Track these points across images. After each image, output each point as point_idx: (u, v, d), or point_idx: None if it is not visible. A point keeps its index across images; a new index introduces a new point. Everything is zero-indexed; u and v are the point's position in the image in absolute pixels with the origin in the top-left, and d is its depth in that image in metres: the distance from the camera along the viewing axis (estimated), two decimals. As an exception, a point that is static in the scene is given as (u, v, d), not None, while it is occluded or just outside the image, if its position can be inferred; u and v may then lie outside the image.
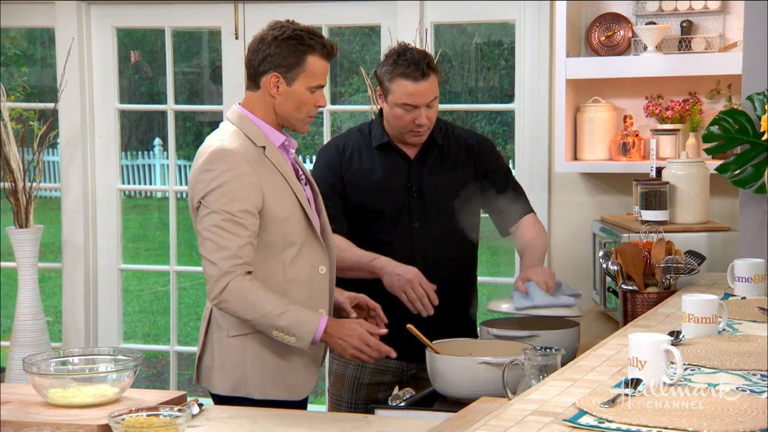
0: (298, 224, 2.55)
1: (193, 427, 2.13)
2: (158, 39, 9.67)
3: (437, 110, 2.92)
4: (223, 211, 2.45)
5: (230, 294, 2.43)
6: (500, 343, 2.72)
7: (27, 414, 2.17)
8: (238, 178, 2.46)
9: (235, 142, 2.51)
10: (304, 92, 2.55)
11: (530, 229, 3.03)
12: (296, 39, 2.54)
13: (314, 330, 2.46)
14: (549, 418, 1.61)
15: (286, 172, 2.55)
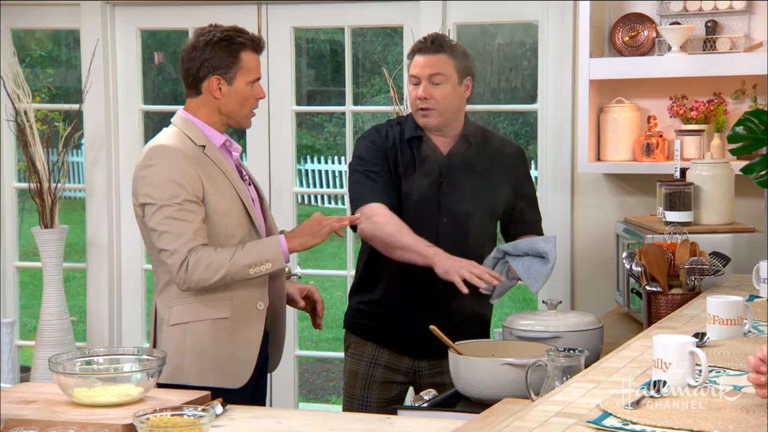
0: (238, 218, 2.68)
1: (217, 427, 2.13)
2: (181, 40, 9.71)
3: (449, 97, 2.89)
4: (171, 203, 2.60)
5: (192, 269, 2.58)
6: (523, 344, 2.72)
7: (53, 413, 2.19)
8: (176, 170, 2.61)
9: (173, 140, 2.67)
10: (245, 88, 2.70)
11: None
12: (227, 40, 2.68)
13: (279, 245, 2.63)
14: (573, 420, 1.61)
15: (227, 169, 2.69)
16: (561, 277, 3.87)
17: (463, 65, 2.93)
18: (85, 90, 4.21)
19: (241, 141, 12.96)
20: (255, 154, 4.24)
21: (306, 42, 10.01)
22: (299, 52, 4.04)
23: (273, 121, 4.20)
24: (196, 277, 2.60)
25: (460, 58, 2.92)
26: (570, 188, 3.86)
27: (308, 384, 6.35)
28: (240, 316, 2.69)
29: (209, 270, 2.59)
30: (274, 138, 4.20)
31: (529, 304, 7.99)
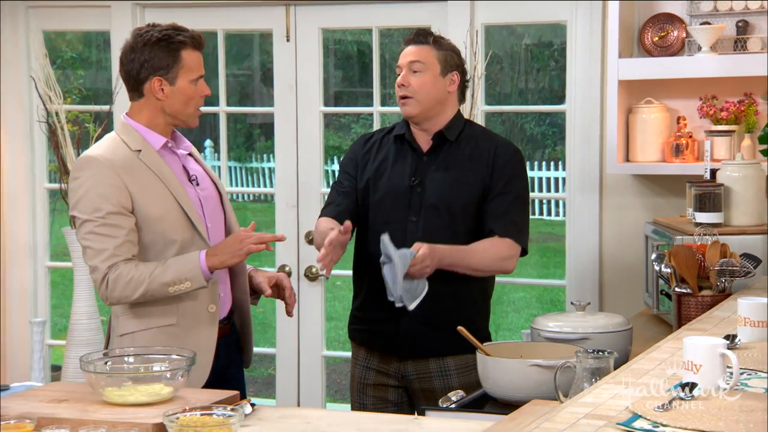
0: (176, 223, 2.63)
1: (246, 427, 2.14)
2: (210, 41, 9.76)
3: (427, 86, 2.87)
4: (94, 217, 2.57)
5: (112, 286, 2.56)
6: (551, 346, 2.71)
7: (84, 412, 2.20)
8: (101, 182, 2.58)
9: (103, 149, 2.64)
10: (188, 87, 2.66)
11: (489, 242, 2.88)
12: (165, 39, 2.65)
13: (198, 264, 2.56)
14: (602, 422, 1.60)
15: (163, 173, 2.64)
16: (589, 279, 3.85)
17: (448, 59, 2.92)
18: (116, 91, 4.24)
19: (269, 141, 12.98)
20: (283, 154, 4.25)
21: (333, 43, 10.03)
22: (327, 53, 4.06)
23: (301, 122, 4.21)
24: (117, 294, 2.58)
25: (446, 52, 2.92)
26: (598, 189, 3.84)
27: (335, 384, 6.36)
28: (189, 321, 2.66)
29: (129, 287, 2.57)
30: (302, 139, 4.21)
31: (556, 305, 7.97)
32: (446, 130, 2.94)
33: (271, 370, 6.41)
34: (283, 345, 4.27)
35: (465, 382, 2.91)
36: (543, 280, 8.57)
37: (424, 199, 2.90)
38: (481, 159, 2.92)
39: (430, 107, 2.91)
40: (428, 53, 2.90)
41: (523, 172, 2.99)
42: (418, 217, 2.90)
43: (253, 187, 12.49)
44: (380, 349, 2.97)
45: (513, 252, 2.91)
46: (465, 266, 2.86)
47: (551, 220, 10.94)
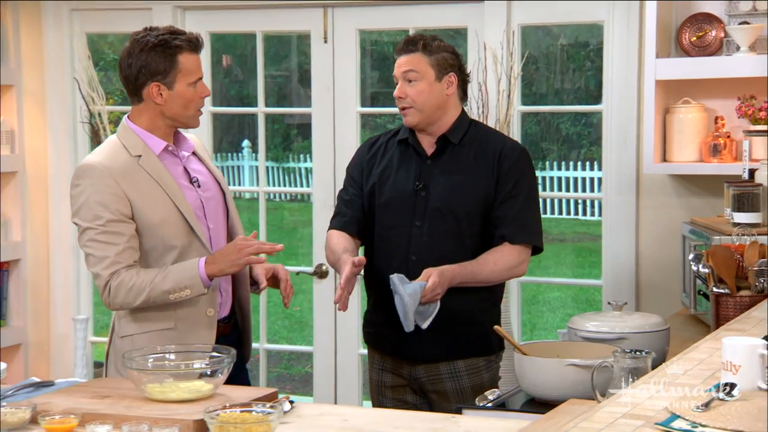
0: (176, 229, 2.63)
1: (285, 424, 2.15)
2: (248, 43, 9.80)
3: (424, 94, 2.83)
4: (95, 225, 2.57)
5: (114, 293, 2.57)
6: (587, 345, 2.70)
7: (126, 408, 2.22)
8: (100, 190, 2.57)
9: (102, 155, 2.64)
10: (187, 90, 2.65)
11: (498, 253, 2.84)
12: (162, 44, 2.63)
13: (197, 272, 2.56)
14: (641, 422, 1.59)
15: (163, 178, 2.64)
16: (626, 279, 3.83)
17: (441, 62, 2.86)
18: (156, 93, 4.28)
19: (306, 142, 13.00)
20: (320, 154, 4.26)
21: (370, 44, 10.04)
22: (364, 54, 4.07)
23: (338, 123, 4.22)
24: (119, 301, 2.59)
25: (438, 56, 2.86)
26: (635, 189, 3.81)
27: (372, 382, 6.37)
28: (187, 325, 2.66)
29: (131, 294, 2.57)
30: (339, 139, 4.22)
31: (592, 305, 7.92)
32: (449, 133, 2.89)
33: (308, 368, 6.43)
34: (320, 343, 4.28)
35: (476, 384, 2.90)
36: (578, 279, 8.53)
37: (428, 203, 2.87)
38: (485, 162, 2.87)
39: (431, 114, 2.87)
40: (420, 61, 2.85)
41: (530, 171, 2.93)
42: (423, 221, 2.87)
43: (290, 187, 12.54)
44: (391, 353, 2.95)
45: (523, 257, 2.87)
46: (476, 281, 2.83)
47: (586, 220, 10.88)
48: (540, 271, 8.84)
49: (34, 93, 4.40)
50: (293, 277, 2.79)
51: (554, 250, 9.97)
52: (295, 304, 8.48)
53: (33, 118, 4.41)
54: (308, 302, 7.58)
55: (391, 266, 2.81)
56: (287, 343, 7.32)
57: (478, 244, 2.85)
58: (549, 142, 11.58)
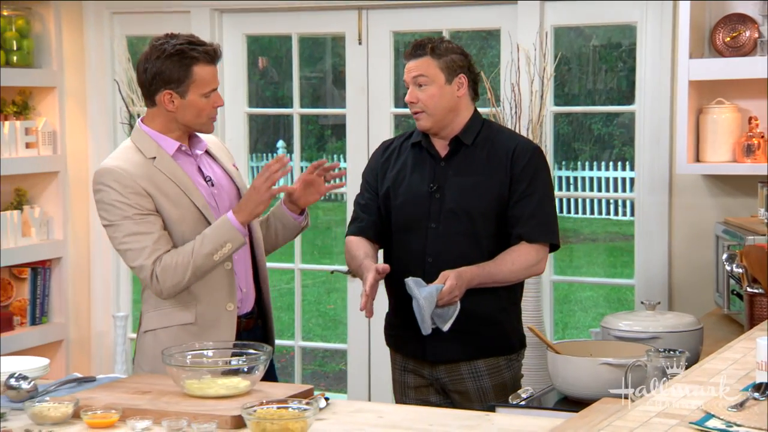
0: (193, 225, 2.65)
1: (320, 420, 2.16)
2: (283, 45, 9.83)
3: (435, 98, 2.81)
4: (125, 220, 2.60)
5: (162, 277, 2.59)
6: (620, 344, 2.68)
7: (166, 404, 2.24)
8: (122, 191, 2.61)
9: (118, 159, 2.67)
10: (199, 100, 2.66)
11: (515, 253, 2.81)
12: (178, 54, 2.63)
13: (230, 224, 2.60)
14: (675, 421, 1.58)
15: (178, 177, 2.66)
16: (658, 278, 3.80)
17: (450, 65, 2.82)
18: (194, 94, 4.30)
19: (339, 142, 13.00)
20: (354, 154, 4.27)
21: (404, 46, 10.05)
22: (398, 55, 4.07)
23: (372, 123, 4.23)
24: (169, 283, 2.60)
25: (446, 58, 2.82)
26: (668, 189, 3.79)
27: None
28: (207, 320, 2.68)
29: (178, 272, 2.59)
30: (373, 139, 4.22)
31: (624, 305, 7.87)
32: (462, 135, 2.86)
33: (342, 366, 6.45)
34: (354, 341, 4.29)
35: (497, 383, 2.88)
36: (610, 279, 8.47)
37: (443, 205, 2.85)
38: (498, 162, 2.84)
39: (443, 117, 2.84)
40: (429, 65, 2.83)
41: (544, 169, 2.89)
42: (438, 223, 2.84)
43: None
44: (412, 355, 2.94)
45: (541, 255, 2.83)
46: (494, 282, 2.81)
47: (618, 220, 10.80)
48: (572, 271, 8.79)
49: (76, 94, 4.45)
50: (327, 275, 2.79)
51: (586, 249, 9.91)
52: (329, 302, 8.49)
53: (74, 119, 4.45)
54: (342, 300, 7.61)
55: (409, 268, 2.81)
56: (321, 341, 7.33)
57: (494, 244, 2.84)
58: (581, 142, 11.52)
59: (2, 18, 4.22)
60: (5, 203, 4.32)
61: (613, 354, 2.51)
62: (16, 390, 2.30)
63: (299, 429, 2.04)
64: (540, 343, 3.10)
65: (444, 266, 2.77)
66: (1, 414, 2.24)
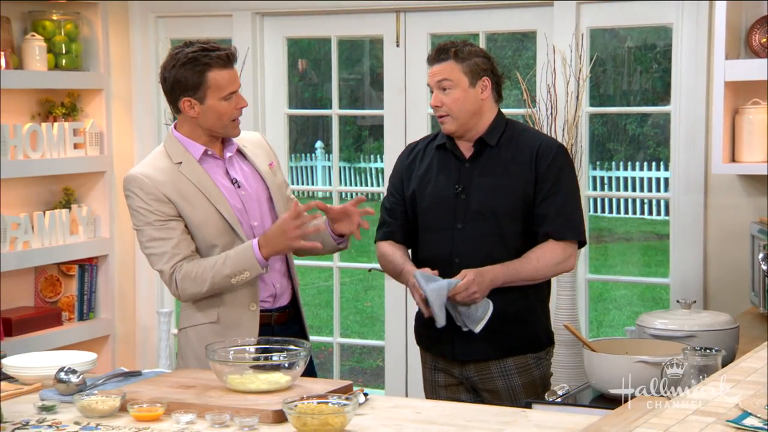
0: (216, 229, 2.70)
1: (359, 416, 2.16)
2: (322, 48, 9.86)
3: (459, 102, 2.80)
4: (147, 226, 2.68)
5: (181, 285, 2.66)
6: (655, 343, 2.66)
7: (209, 398, 2.26)
8: (144, 198, 2.68)
9: (145, 166, 2.74)
10: (219, 104, 2.67)
11: (541, 251, 2.80)
12: (192, 61, 2.65)
13: (253, 254, 2.64)
14: (711, 419, 1.57)
15: (202, 182, 2.70)
16: (694, 277, 3.76)
17: (473, 67, 2.81)
18: (235, 96, 4.33)
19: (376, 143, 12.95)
20: (392, 155, 4.26)
21: (440, 48, 10.02)
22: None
23: (409, 124, 4.23)
24: (189, 292, 2.68)
25: (470, 62, 2.81)
26: (703, 189, 3.74)
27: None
28: (230, 319, 2.72)
29: (197, 283, 2.66)
30: (410, 139, 4.20)
31: (658, 303, 7.80)
32: (486, 136, 2.85)
33: (379, 362, 6.45)
34: (392, 337, 4.29)
35: (527, 381, 2.87)
36: (645, 278, 8.40)
37: (468, 206, 2.84)
38: (523, 161, 2.82)
39: (467, 120, 2.83)
40: (453, 68, 2.81)
41: (569, 166, 2.87)
42: (464, 224, 2.83)
43: (362, 186, 12.59)
44: (441, 354, 2.93)
45: (569, 252, 2.82)
46: (521, 280, 2.80)
47: (652, 220, 10.71)
48: (606, 270, 8.73)
49: (122, 96, 4.49)
50: (365, 273, 2.80)
51: (620, 248, 9.83)
52: (366, 300, 8.50)
53: (120, 120, 4.50)
54: (379, 298, 7.61)
55: (436, 269, 2.80)
56: (359, 338, 7.35)
57: (520, 243, 2.82)
58: (616, 142, 11.43)
59: (52, 22, 4.27)
60: (54, 202, 4.37)
61: (649, 352, 2.50)
62: (66, 383, 2.33)
63: (339, 424, 2.04)
64: (575, 340, 3.08)
65: (471, 266, 2.77)
66: (52, 406, 2.27)
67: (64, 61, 4.30)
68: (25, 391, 2.41)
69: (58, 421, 2.19)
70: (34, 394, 2.38)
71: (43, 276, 4.38)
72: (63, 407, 2.28)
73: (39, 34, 4.21)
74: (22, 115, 4.25)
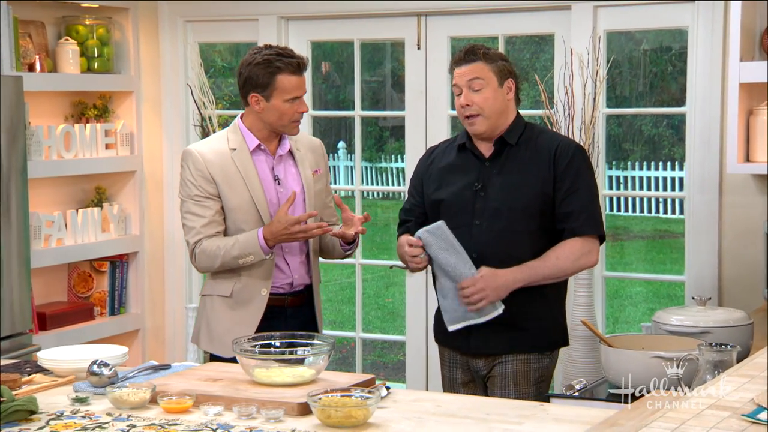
0: (247, 215, 2.89)
1: (382, 409, 2.16)
2: (344, 50, 9.86)
3: (490, 101, 2.81)
4: (188, 199, 2.90)
5: (198, 259, 2.89)
6: (671, 338, 2.65)
7: (236, 391, 2.27)
8: (193, 172, 2.89)
9: (202, 145, 2.96)
10: (282, 105, 2.88)
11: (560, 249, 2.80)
12: (265, 63, 2.87)
13: (257, 241, 2.84)
14: (727, 413, 1.56)
15: (247, 171, 2.90)
16: (708, 275, 3.74)
17: (501, 68, 2.84)
18: (262, 98, 4.34)
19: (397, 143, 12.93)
20: (413, 155, 4.26)
21: (460, 51, 10.00)
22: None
23: (430, 125, 4.23)
24: (202, 265, 2.91)
25: (497, 63, 2.84)
26: (718, 188, 3.72)
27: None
28: (242, 297, 2.92)
29: (209, 259, 2.88)
30: (431, 140, 4.21)
31: (673, 300, 7.76)
32: (506, 135, 2.86)
33: (400, 356, 6.45)
34: (412, 333, 4.29)
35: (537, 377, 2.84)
36: (660, 275, 8.36)
37: (487, 203, 2.84)
38: (541, 161, 2.83)
39: (496, 120, 2.84)
40: (483, 68, 2.83)
41: (587, 165, 2.87)
42: (482, 220, 2.83)
43: (383, 186, 12.61)
44: (458, 348, 2.93)
45: (590, 246, 2.81)
46: (543, 278, 2.79)
47: (667, 218, 10.65)
48: (622, 267, 8.69)
49: (151, 99, 4.52)
50: (386, 270, 2.84)
51: (635, 246, 9.78)
52: (387, 296, 8.50)
53: (150, 121, 4.52)
54: (400, 294, 7.61)
55: None
56: (380, 333, 7.35)
57: (537, 240, 2.82)
58: (631, 143, 11.37)
59: (85, 27, 4.30)
60: (86, 201, 4.40)
61: (665, 348, 2.49)
62: (98, 376, 2.35)
63: (362, 416, 2.04)
64: (592, 336, 3.08)
65: (488, 262, 2.78)
66: (85, 398, 2.29)
67: (96, 65, 4.32)
68: (59, 383, 2.43)
69: (91, 412, 2.21)
70: (68, 386, 2.40)
71: (75, 272, 4.41)
72: (95, 399, 2.29)
73: (72, 39, 4.24)
74: (56, 117, 4.29)
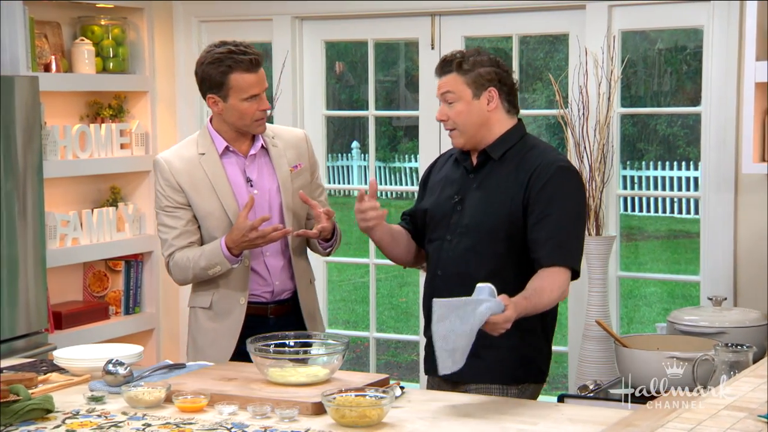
0: (219, 221, 2.81)
1: (396, 408, 2.17)
2: (358, 50, 9.87)
3: (463, 115, 2.63)
4: (160, 211, 2.85)
5: (173, 272, 2.85)
6: (686, 339, 2.65)
7: (251, 390, 2.27)
8: (161, 182, 2.84)
9: (170, 152, 2.89)
10: (240, 104, 2.76)
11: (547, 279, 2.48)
12: (216, 62, 2.75)
13: (221, 250, 2.76)
14: (743, 413, 1.55)
15: (216, 176, 2.81)
16: (724, 275, 3.72)
17: (477, 79, 2.62)
18: (276, 97, 4.35)
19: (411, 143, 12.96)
20: (426, 155, 4.26)
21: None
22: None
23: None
24: (178, 278, 2.87)
25: (472, 74, 2.62)
26: (733, 188, 3.70)
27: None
28: (221, 308, 2.86)
29: (182, 272, 2.83)
30: (444, 140, 4.21)
31: (688, 300, 7.73)
32: (490, 149, 2.65)
33: (414, 356, 6.45)
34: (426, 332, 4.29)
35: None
36: (675, 275, 8.33)
37: (461, 219, 2.66)
38: (518, 180, 2.60)
39: (475, 133, 2.65)
40: (455, 81, 2.62)
41: (568, 189, 2.59)
42: (453, 236, 2.66)
43: (397, 185, 12.60)
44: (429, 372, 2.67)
45: (566, 278, 2.51)
46: (536, 311, 2.47)
47: (682, 218, 10.61)
48: (636, 267, 8.67)
49: (166, 99, 4.53)
50: (399, 270, 2.79)
51: (650, 246, 9.75)
52: (401, 296, 8.50)
53: (164, 121, 4.53)
54: (414, 294, 7.60)
55: (426, 281, 2.72)
56: (394, 332, 7.35)
57: (500, 265, 2.58)
58: (646, 142, 11.34)
59: (100, 27, 4.31)
60: (102, 200, 4.42)
61: (680, 348, 2.48)
62: (114, 375, 2.36)
63: (376, 416, 2.05)
64: (607, 336, 3.07)
65: (447, 281, 2.61)
66: (100, 397, 2.30)
67: (111, 65, 4.34)
68: (75, 382, 2.44)
69: (106, 411, 2.22)
70: (84, 385, 2.41)
71: (91, 271, 4.43)
72: (111, 398, 2.30)
73: (87, 39, 4.25)
74: (72, 117, 4.30)
